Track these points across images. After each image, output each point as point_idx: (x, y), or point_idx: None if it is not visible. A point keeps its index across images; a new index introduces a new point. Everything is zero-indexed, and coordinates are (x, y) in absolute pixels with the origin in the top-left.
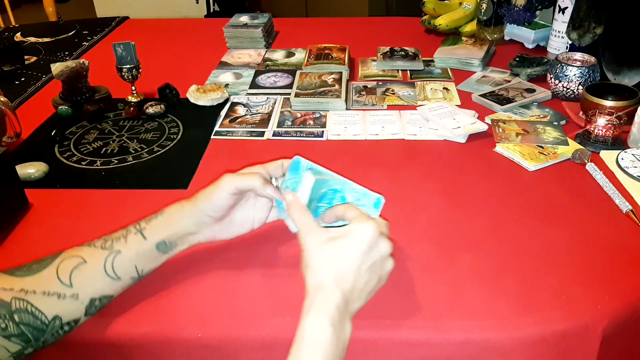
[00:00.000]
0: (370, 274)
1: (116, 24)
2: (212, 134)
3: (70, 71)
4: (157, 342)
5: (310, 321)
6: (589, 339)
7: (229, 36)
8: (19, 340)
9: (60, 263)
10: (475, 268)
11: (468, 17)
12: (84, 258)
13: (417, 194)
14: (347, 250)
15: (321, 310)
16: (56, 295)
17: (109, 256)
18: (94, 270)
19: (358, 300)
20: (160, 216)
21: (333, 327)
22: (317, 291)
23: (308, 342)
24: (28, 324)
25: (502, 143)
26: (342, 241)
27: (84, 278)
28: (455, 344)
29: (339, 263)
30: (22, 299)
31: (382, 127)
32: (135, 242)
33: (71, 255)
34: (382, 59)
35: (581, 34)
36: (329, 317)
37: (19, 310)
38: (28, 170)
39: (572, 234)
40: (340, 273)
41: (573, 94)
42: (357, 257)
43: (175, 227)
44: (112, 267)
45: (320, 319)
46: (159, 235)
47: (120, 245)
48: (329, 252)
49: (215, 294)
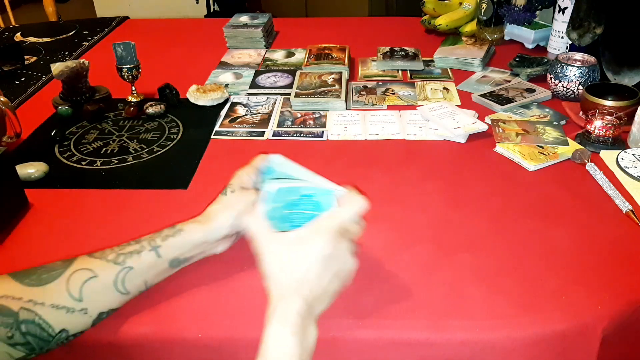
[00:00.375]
0: (331, 276)
1: (116, 24)
2: (212, 134)
3: (70, 71)
4: (157, 342)
5: (273, 331)
6: (589, 339)
7: (229, 36)
8: (24, 348)
9: (71, 276)
10: (475, 268)
11: (468, 17)
12: (95, 272)
13: (417, 194)
14: (304, 256)
15: (283, 320)
16: (65, 309)
17: (121, 272)
18: (105, 285)
19: (321, 303)
20: (178, 235)
21: (296, 336)
22: (278, 300)
23: (272, 353)
24: (34, 335)
25: (502, 143)
26: (298, 247)
27: (94, 293)
28: (455, 344)
29: (298, 270)
30: (30, 310)
31: (382, 127)
32: (149, 259)
33: (82, 268)
34: (382, 59)
35: (581, 34)
36: (290, 326)
37: (26, 321)
38: (28, 170)
39: (572, 234)
40: (299, 280)
41: (573, 94)
42: (316, 262)
43: (191, 246)
44: (123, 283)
45: (282, 329)
46: (174, 253)
47: (133, 261)
48: (286, 259)
49: (215, 294)
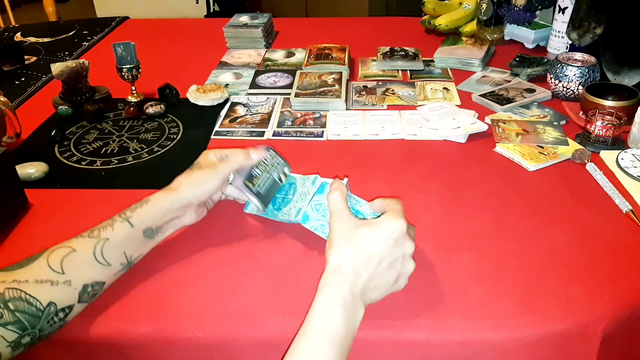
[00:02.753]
0: (390, 268)
1: (116, 24)
2: (212, 134)
3: (70, 71)
4: (157, 342)
5: (322, 301)
6: (589, 339)
7: (229, 36)
8: (15, 327)
9: (50, 254)
10: (475, 268)
11: (468, 17)
12: (72, 247)
13: (417, 193)
14: (373, 238)
15: (334, 292)
16: (49, 282)
17: (98, 244)
18: (84, 257)
19: (374, 290)
20: (145, 204)
21: (344, 309)
22: (334, 273)
23: (317, 321)
24: (23, 311)
25: (502, 143)
26: (369, 229)
27: (75, 265)
28: (455, 344)
29: (362, 249)
30: (15, 289)
31: (382, 127)
32: (123, 229)
33: (60, 246)
34: (382, 59)
35: (581, 34)
36: (341, 299)
37: (13, 299)
38: (28, 170)
39: (572, 234)
40: (361, 259)
41: (573, 94)
42: (381, 247)
43: (161, 214)
44: (102, 254)
45: (331, 300)
46: (145, 222)
47: (107, 233)
48: (355, 237)
49: (215, 294)
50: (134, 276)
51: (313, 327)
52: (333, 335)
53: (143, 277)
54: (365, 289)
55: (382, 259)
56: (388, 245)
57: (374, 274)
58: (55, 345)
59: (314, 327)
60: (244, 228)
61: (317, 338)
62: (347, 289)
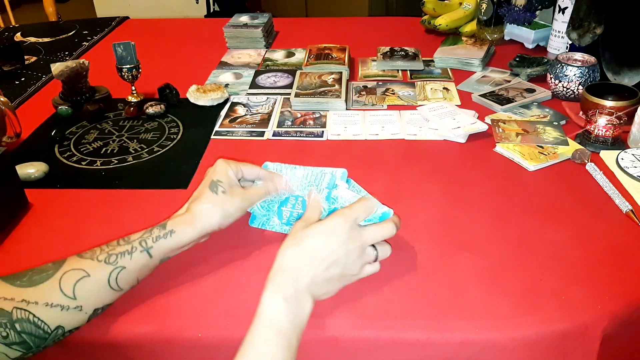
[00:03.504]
0: (339, 263)
1: (116, 24)
2: (212, 134)
3: (70, 71)
4: (157, 342)
5: (266, 296)
6: (589, 339)
7: (229, 36)
8: (20, 347)
9: (63, 275)
10: (475, 268)
11: (468, 17)
12: (87, 272)
13: (417, 194)
14: (316, 236)
15: (277, 287)
16: (59, 307)
17: (113, 271)
18: (98, 284)
19: (324, 285)
20: (169, 237)
21: (287, 302)
22: (277, 270)
23: (263, 315)
24: (30, 333)
25: (502, 143)
26: (314, 228)
27: (88, 291)
28: (455, 344)
29: (306, 247)
30: (23, 309)
31: (382, 127)
32: (141, 259)
33: (73, 268)
34: (382, 59)
35: (581, 34)
36: (283, 293)
37: (20, 320)
38: (28, 170)
39: (572, 234)
40: (304, 256)
41: (573, 94)
42: (325, 244)
43: (181, 246)
44: (117, 282)
45: (275, 295)
46: (165, 254)
47: (124, 262)
48: (301, 235)
49: (215, 294)
50: None
51: (259, 321)
52: (279, 327)
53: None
54: (312, 284)
55: (327, 255)
56: (332, 242)
57: (318, 270)
58: (55, 345)
59: (260, 320)
60: (244, 228)
61: (264, 331)
62: (291, 284)
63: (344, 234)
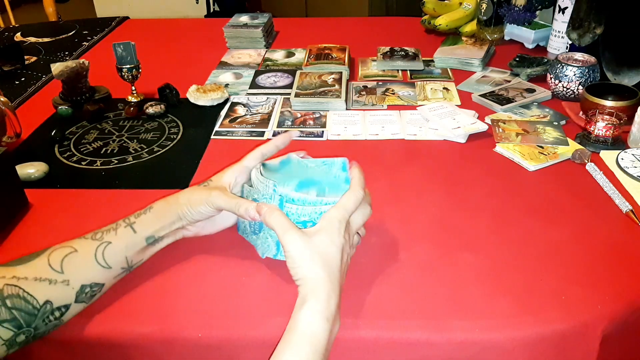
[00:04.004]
0: (346, 257)
1: (116, 24)
2: (212, 134)
3: (70, 71)
4: (157, 342)
5: (309, 313)
6: (589, 339)
7: (229, 36)
8: (11, 325)
9: (52, 252)
10: (475, 268)
11: (468, 17)
12: (74, 248)
13: (417, 193)
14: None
15: (321, 305)
16: (47, 281)
17: (100, 246)
18: (85, 258)
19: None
20: (149, 212)
21: (329, 323)
22: (315, 288)
23: (305, 333)
24: (20, 308)
25: (502, 143)
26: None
27: (75, 265)
28: (455, 344)
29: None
30: (14, 285)
31: (382, 127)
32: (126, 234)
33: (62, 246)
34: (382, 59)
35: (581, 34)
36: (327, 312)
37: (11, 296)
38: (28, 170)
39: (572, 234)
40: (328, 266)
41: (573, 94)
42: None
43: (163, 223)
44: (103, 256)
45: (318, 314)
46: (148, 229)
47: (110, 237)
48: (314, 247)
49: (216, 294)
50: (135, 276)
51: (299, 337)
52: (319, 347)
53: (143, 277)
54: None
55: (342, 258)
56: (341, 243)
57: (340, 273)
58: (55, 345)
59: (300, 337)
60: None
61: (305, 348)
62: (334, 302)
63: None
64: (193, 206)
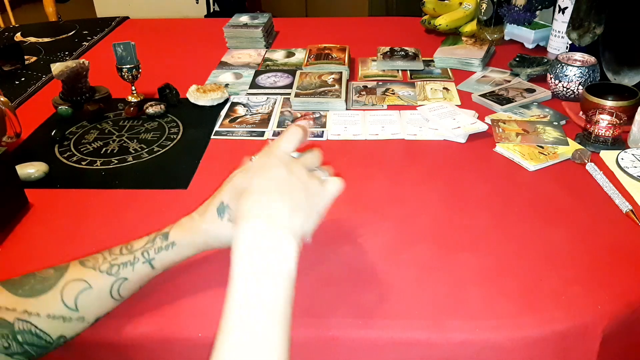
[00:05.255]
0: (296, 193)
1: (116, 24)
2: (212, 134)
3: (70, 71)
4: (157, 342)
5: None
6: (589, 339)
7: (229, 36)
8: (22, 357)
9: (65, 286)
10: (475, 268)
11: (468, 17)
12: (89, 283)
13: (417, 193)
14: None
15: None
16: (62, 318)
17: (115, 283)
18: (100, 295)
19: (296, 221)
20: (171, 248)
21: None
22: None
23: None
24: (32, 344)
25: (502, 143)
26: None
27: (90, 303)
28: (455, 344)
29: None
30: (25, 321)
31: (382, 127)
32: (143, 270)
33: (75, 279)
34: (382, 59)
35: (581, 34)
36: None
37: (22, 332)
38: (28, 170)
39: (572, 234)
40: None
41: (573, 94)
42: (276, 185)
43: (183, 257)
44: (119, 292)
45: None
46: (167, 265)
47: (127, 272)
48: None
49: (216, 294)
50: None
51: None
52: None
53: None
54: (293, 226)
55: (281, 186)
56: (278, 173)
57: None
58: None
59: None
60: None
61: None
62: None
63: (279, 160)
64: (222, 242)
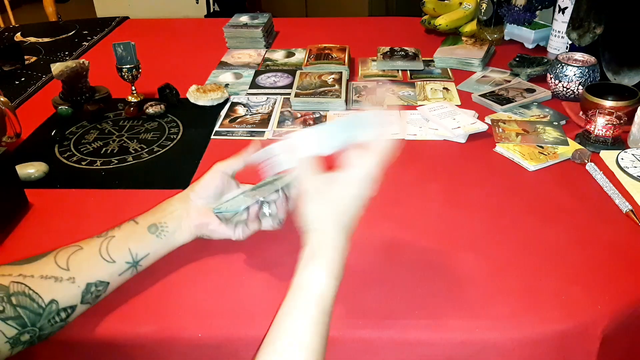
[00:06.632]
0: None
1: (116, 24)
2: (212, 134)
3: (70, 71)
4: (157, 342)
5: (311, 271)
6: (589, 339)
7: (229, 36)
8: (16, 323)
9: (59, 252)
10: (475, 268)
11: (468, 17)
12: (80, 245)
13: (417, 193)
14: (351, 194)
15: (326, 263)
16: (53, 278)
17: (104, 241)
18: (90, 254)
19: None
20: (152, 209)
21: (335, 280)
22: (322, 239)
23: (308, 291)
24: (25, 306)
25: (502, 143)
26: (346, 186)
27: (80, 262)
28: (455, 344)
29: (342, 208)
30: (20, 283)
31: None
32: (128, 227)
33: (69, 246)
34: (382, 59)
35: (581, 34)
36: (331, 271)
37: (16, 294)
38: (28, 170)
39: (572, 234)
40: (341, 219)
41: (573, 94)
42: (361, 201)
43: (164, 211)
44: (107, 251)
45: (323, 273)
46: (150, 219)
47: (114, 231)
48: (331, 198)
49: (216, 294)
50: (135, 276)
51: (305, 297)
52: (325, 307)
53: (143, 277)
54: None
55: (361, 210)
56: (367, 195)
57: (355, 225)
58: (56, 345)
59: (306, 296)
60: None
61: (312, 309)
62: (343, 258)
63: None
64: (200, 181)
